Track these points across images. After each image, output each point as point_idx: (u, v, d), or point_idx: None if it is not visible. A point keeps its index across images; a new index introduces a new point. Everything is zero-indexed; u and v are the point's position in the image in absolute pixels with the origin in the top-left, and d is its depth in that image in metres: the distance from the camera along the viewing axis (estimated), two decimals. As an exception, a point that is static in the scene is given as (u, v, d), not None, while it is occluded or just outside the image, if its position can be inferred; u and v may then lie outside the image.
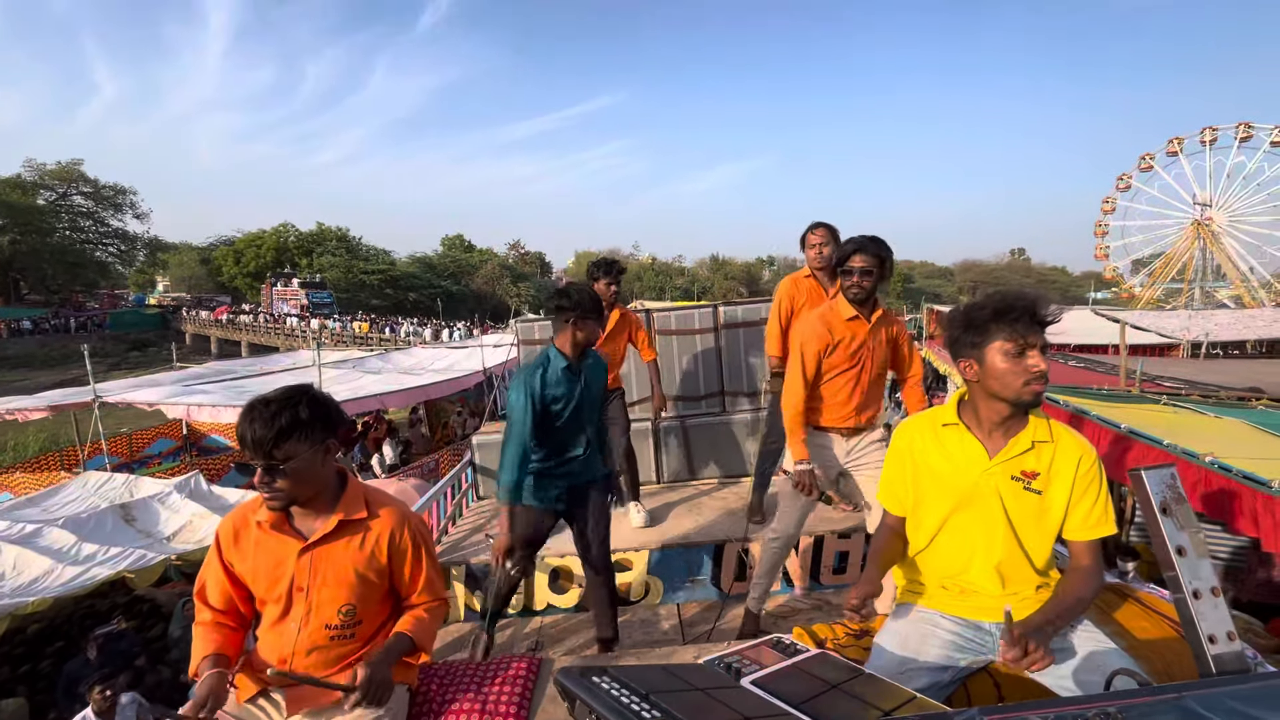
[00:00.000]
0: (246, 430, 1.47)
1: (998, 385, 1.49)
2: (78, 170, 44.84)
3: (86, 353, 9.98)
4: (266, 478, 1.49)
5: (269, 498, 1.53)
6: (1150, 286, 39.28)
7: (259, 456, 1.47)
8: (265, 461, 1.47)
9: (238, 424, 1.50)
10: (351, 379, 12.00)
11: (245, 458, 1.51)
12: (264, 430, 1.45)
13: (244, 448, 1.48)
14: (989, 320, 1.48)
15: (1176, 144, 36.61)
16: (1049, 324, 1.46)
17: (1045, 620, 1.40)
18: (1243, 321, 20.03)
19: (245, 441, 1.47)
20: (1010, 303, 1.47)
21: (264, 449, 1.46)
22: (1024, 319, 1.44)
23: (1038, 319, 1.45)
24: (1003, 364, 1.47)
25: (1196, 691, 0.80)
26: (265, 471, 1.48)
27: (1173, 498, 1.06)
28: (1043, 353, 1.45)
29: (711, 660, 1.39)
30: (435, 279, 53.85)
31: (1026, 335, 1.44)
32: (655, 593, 3.53)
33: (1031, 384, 1.45)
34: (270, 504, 1.55)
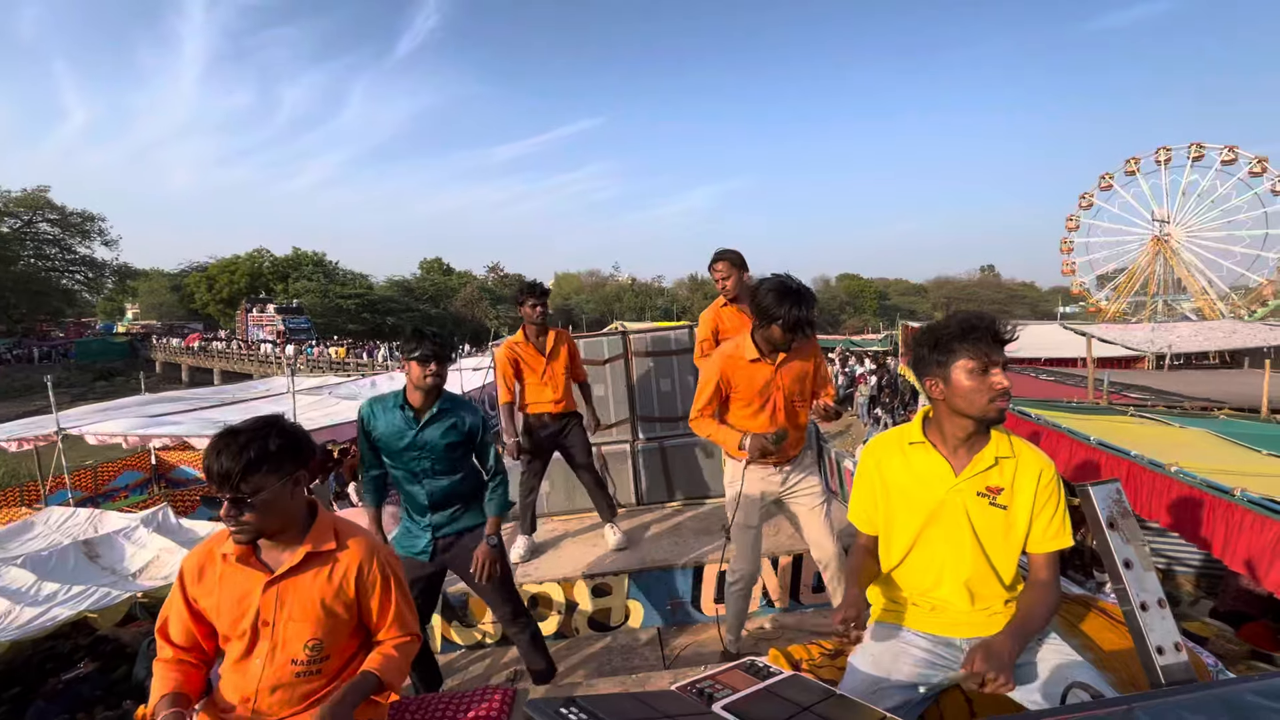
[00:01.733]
0: (213, 463, 1.44)
1: (963, 403, 1.53)
2: (44, 197, 43.95)
3: (50, 384, 9.69)
4: (233, 511, 1.46)
5: (235, 531, 1.50)
6: (1115, 300, 40.50)
7: (226, 489, 1.44)
8: (232, 495, 1.44)
9: (204, 456, 1.47)
10: (328, 405, 11.79)
11: (212, 491, 1.48)
12: (231, 463, 1.43)
13: (210, 480, 1.45)
14: (953, 340, 1.53)
15: (1134, 163, 38.11)
16: (1008, 342, 1.51)
17: (1007, 640, 1.40)
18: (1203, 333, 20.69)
19: (211, 474, 1.45)
20: (973, 323, 1.52)
21: (231, 482, 1.43)
22: (986, 338, 1.49)
23: (999, 338, 1.50)
24: (968, 382, 1.51)
25: (1146, 703, 0.82)
26: (232, 505, 1.45)
27: (1119, 511, 1.09)
28: (1004, 370, 1.50)
29: (685, 685, 1.39)
30: (414, 302, 53.48)
31: (989, 354, 1.49)
32: (635, 617, 3.51)
33: (996, 400, 1.50)
34: (236, 538, 1.52)
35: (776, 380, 2.51)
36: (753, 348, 2.47)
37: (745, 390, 2.50)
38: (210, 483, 1.46)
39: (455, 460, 2.51)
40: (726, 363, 2.51)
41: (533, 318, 3.61)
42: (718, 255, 3.41)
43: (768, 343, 2.43)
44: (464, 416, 2.50)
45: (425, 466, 2.46)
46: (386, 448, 2.46)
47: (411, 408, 2.44)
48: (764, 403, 2.52)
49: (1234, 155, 35.28)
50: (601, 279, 77.88)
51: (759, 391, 2.50)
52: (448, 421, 2.46)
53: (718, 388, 2.52)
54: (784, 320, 2.29)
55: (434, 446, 2.44)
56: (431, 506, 2.50)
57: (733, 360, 2.51)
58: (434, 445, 2.44)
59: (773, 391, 2.52)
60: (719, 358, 2.55)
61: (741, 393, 2.52)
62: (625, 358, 4.79)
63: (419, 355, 2.37)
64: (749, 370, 2.49)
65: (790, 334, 2.33)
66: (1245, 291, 37.17)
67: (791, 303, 2.28)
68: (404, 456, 2.45)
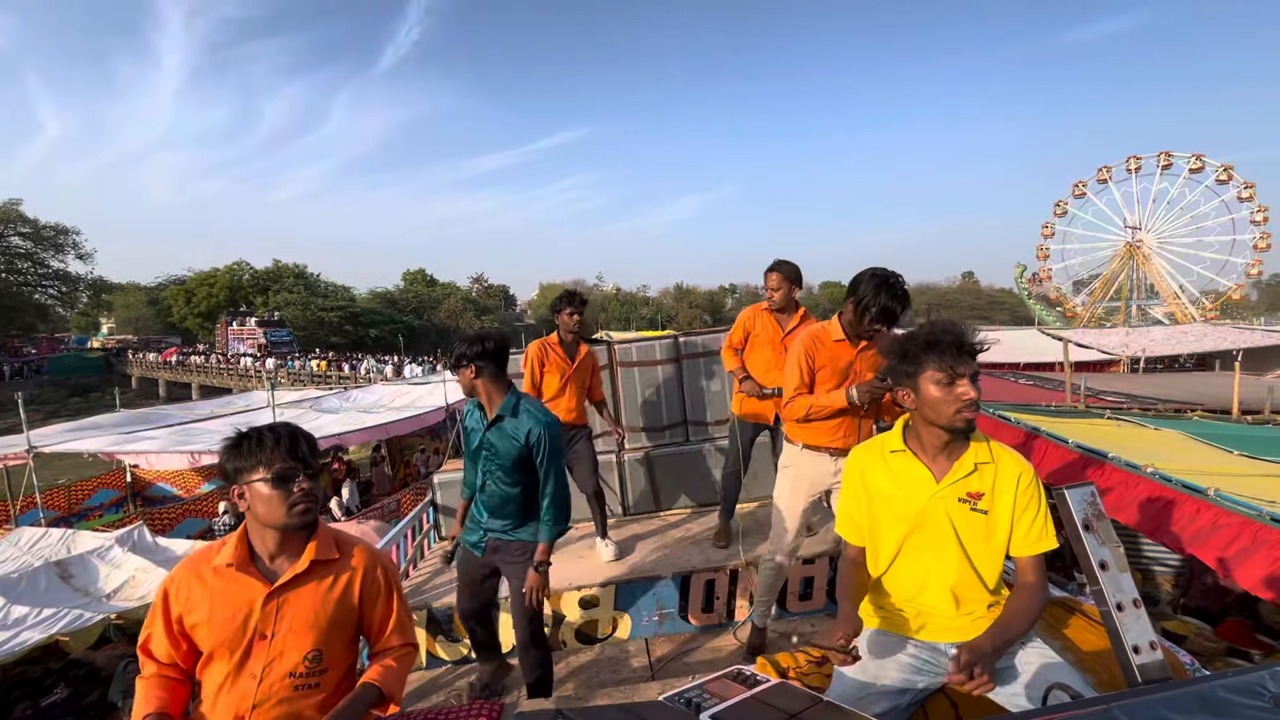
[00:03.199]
0: (284, 445, 1.51)
1: (932, 413, 1.57)
2: (16, 210, 43.06)
3: (20, 401, 9.46)
4: (308, 484, 1.53)
5: (309, 506, 1.54)
6: (1091, 305, 41.35)
7: (311, 460, 1.54)
8: (309, 468, 1.53)
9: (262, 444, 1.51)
10: (309, 419, 11.65)
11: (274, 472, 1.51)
12: (298, 437, 1.55)
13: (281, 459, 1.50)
14: (920, 351, 1.56)
15: (1106, 172, 39.11)
16: (978, 353, 1.53)
17: (989, 641, 1.41)
18: (1175, 337, 21.19)
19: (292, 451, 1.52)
20: (938, 335, 1.55)
21: (315, 452, 1.56)
22: (951, 350, 1.52)
23: (966, 349, 1.52)
24: (935, 392, 1.54)
25: (1124, 702, 0.83)
26: (309, 478, 1.53)
27: (1094, 514, 1.12)
28: (972, 380, 1.52)
29: (672, 696, 1.38)
30: (397, 314, 53.09)
31: (954, 365, 1.51)
32: (623, 628, 3.48)
33: (962, 411, 1.52)
34: (308, 514, 1.55)
35: (856, 364, 2.57)
36: (839, 329, 2.55)
37: (829, 369, 2.57)
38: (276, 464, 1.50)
39: (516, 469, 2.45)
40: (810, 341, 2.58)
41: (569, 325, 3.67)
42: (774, 265, 3.48)
43: (854, 327, 2.50)
44: (524, 421, 2.41)
45: (490, 469, 2.50)
46: (467, 444, 2.56)
47: (484, 408, 2.49)
48: (844, 384, 2.56)
49: (1201, 164, 36.34)
50: (586, 289, 78.00)
51: (840, 371, 2.57)
52: (508, 426, 2.44)
53: (805, 366, 2.58)
54: (878, 309, 2.36)
55: (496, 450, 2.46)
56: (489, 510, 2.56)
57: (818, 339, 2.58)
58: (496, 449, 2.46)
59: (852, 375, 2.57)
60: (805, 337, 2.62)
61: (825, 372, 2.57)
62: (610, 368, 4.79)
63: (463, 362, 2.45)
64: (833, 349, 2.56)
65: (879, 323, 2.40)
66: (1215, 296, 38.15)
67: (888, 294, 2.36)
68: (476, 454, 2.53)
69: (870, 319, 2.39)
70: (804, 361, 2.59)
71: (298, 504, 1.50)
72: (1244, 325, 28.47)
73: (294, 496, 1.49)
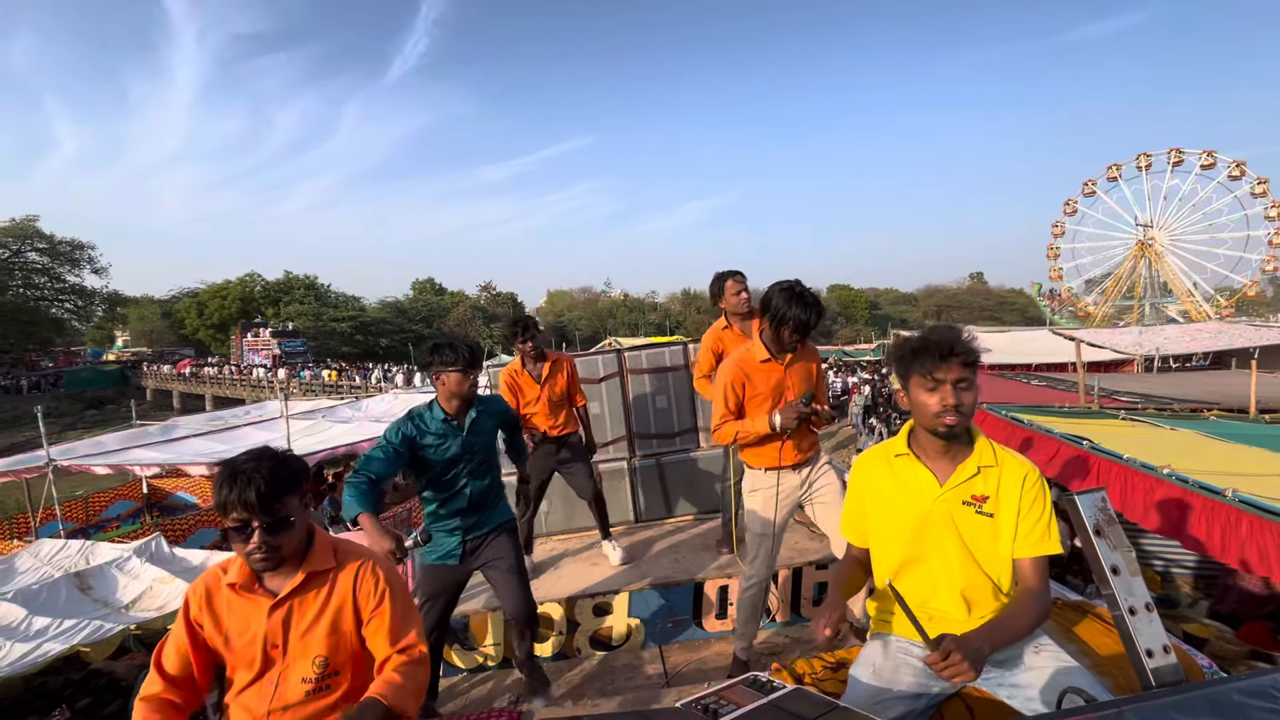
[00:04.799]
0: (244, 491, 1.42)
1: (918, 417, 1.61)
2: (33, 226, 43.81)
3: (40, 414, 9.62)
4: (267, 537, 1.46)
5: (264, 557, 1.48)
6: (1103, 304, 40.94)
7: (262, 515, 1.44)
8: (269, 520, 1.45)
9: (220, 489, 1.44)
10: (321, 429, 11.75)
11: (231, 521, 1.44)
12: (268, 487, 1.43)
13: (237, 509, 1.43)
14: (908, 357, 1.59)
15: (1116, 169, 38.81)
16: (965, 358, 1.53)
17: (982, 637, 1.39)
18: (1190, 335, 20.93)
19: (237, 503, 1.42)
20: (924, 342, 1.57)
21: (269, 506, 1.44)
22: (933, 357, 1.54)
23: (948, 354, 1.53)
24: (919, 397, 1.58)
25: (1137, 705, 0.84)
26: (267, 530, 1.45)
27: (1104, 520, 1.12)
28: (957, 387, 1.53)
29: (689, 703, 1.40)
30: (407, 323, 53.42)
31: (933, 371, 1.54)
32: (637, 634, 3.50)
33: (942, 416, 1.54)
34: (264, 563, 1.50)
35: (787, 380, 2.59)
36: (763, 349, 2.57)
37: (760, 390, 2.59)
38: (235, 511, 1.44)
39: (492, 457, 2.69)
40: (738, 367, 2.60)
41: (525, 352, 3.66)
42: (728, 273, 3.53)
43: (776, 344, 2.53)
44: (494, 406, 2.72)
45: (471, 469, 2.58)
46: (434, 458, 2.52)
47: (451, 417, 2.55)
48: (776, 403, 2.59)
49: (1213, 160, 35.97)
50: (594, 295, 78.24)
51: (771, 390, 2.59)
52: (488, 420, 2.64)
53: (734, 391, 2.60)
54: (793, 321, 2.41)
55: (480, 448, 2.60)
56: (471, 508, 2.61)
57: (745, 363, 2.60)
58: (480, 446, 2.60)
59: (784, 391, 2.60)
60: (731, 363, 2.64)
61: (756, 394, 2.59)
62: (620, 375, 4.82)
63: (454, 365, 2.49)
64: (762, 370, 2.58)
65: (797, 334, 2.45)
66: (1230, 293, 37.69)
67: (800, 305, 2.41)
68: (449, 464, 2.54)
69: (789, 332, 2.44)
70: (731, 390, 2.60)
71: (252, 554, 1.48)
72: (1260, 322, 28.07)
73: (249, 548, 1.47)
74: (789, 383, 2.60)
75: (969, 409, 1.55)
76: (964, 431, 1.61)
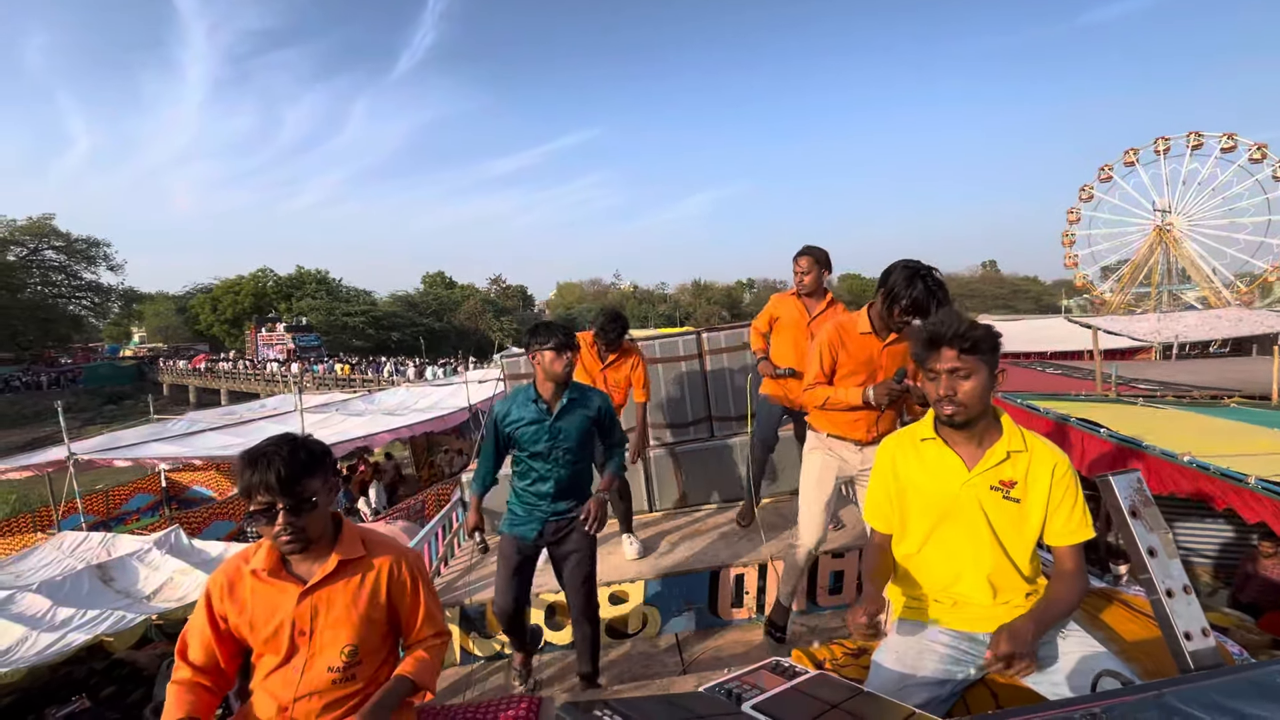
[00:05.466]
0: (266, 474, 1.45)
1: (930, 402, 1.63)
2: (49, 224, 44.42)
3: (60, 409, 9.78)
4: (292, 518, 1.49)
5: (291, 538, 1.51)
6: (1119, 292, 40.36)
7: (284, 496, 1.47)
8: (291, 501, 1.48)
9: (246, 472, 1.47)
10: (335, 422, 11.86)
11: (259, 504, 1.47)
12: (288, 469, 1.46)
13: (261, 492, 1.46)
14: (915, 347, 1.64)
15: (1133, 154, 38.08)
16: (963, 348, 1.53)
17: (1029, 624, 1.43)
18: (1209, 322, 20.57)
19: (267, 485, 1.46)
20: (920, 332, 1.62)
21: (289, 487, 1.47)
22: (927, 347, 1.59)
23: (942, 344, 1.55)
24: (926, 385, 1.62)
25: (1176, 688, 0.82)
26: (291, 511, 1.48)
27: (1140, 501, 1.10)
28: (952, 376, 1.55)
29: (712, 687, 1.39)
30: (418, 317, 53.71)
31: (928, 361, 1.59)
32: (653, 623, 3.50)
33: (940, 405, 1.58)
34: (291, 545, 1.52)
35: (881, 358, 2.54)
36: (866, 321, 2.53)
37: (851, 361, 2.55)
38: (259, 494, 1.46)
39: (584, 447, 2.68)
40: (835, 332, 2.57)
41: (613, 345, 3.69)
42: (804, 250, 3.49)
43: (882, 320, 2.48)
44: (592, 400, 2.69)
45: (558, 455, 2.60)
46: (522, 439, 2.59)
47: (544, 399, 2.58)
48: (866, 378, 2.55)
49: (1233, 142, 35.20)
50: (604, 287, 78.18)
51: (864, 364, 2.54)
52: (579, 409, 2.64)
53: (829, 353, 2.57)
54: (907, 300, 2.31)
55: (568, 434, 2.60)
56: (556, 494, 2.64)
57: (843, 330, 2.57)
58: (568, 433, 2.60)
59: (876, 368, 2.54)
60: (830, 328, 2.61)
61: (847, 363, 2.55)
62: (633, 365, 4.81)
63: (553, 345, 2.52)
64: (858, 341, 2.54)
65: (906, 315, 2.37)
66: (1250, 278, 37.01)
67: (920, 286, 2.30)
68: (538, 446, 2.58)
69: (900, 311, 2.35)
70: (826, 352, 2.58)
71: (279, 536, 1.51)
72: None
73: (276, 530, 1.50)
74: (882, 361, 2.54)
75: (966, 398, 1.55)
76: (982, 417, 1.60)
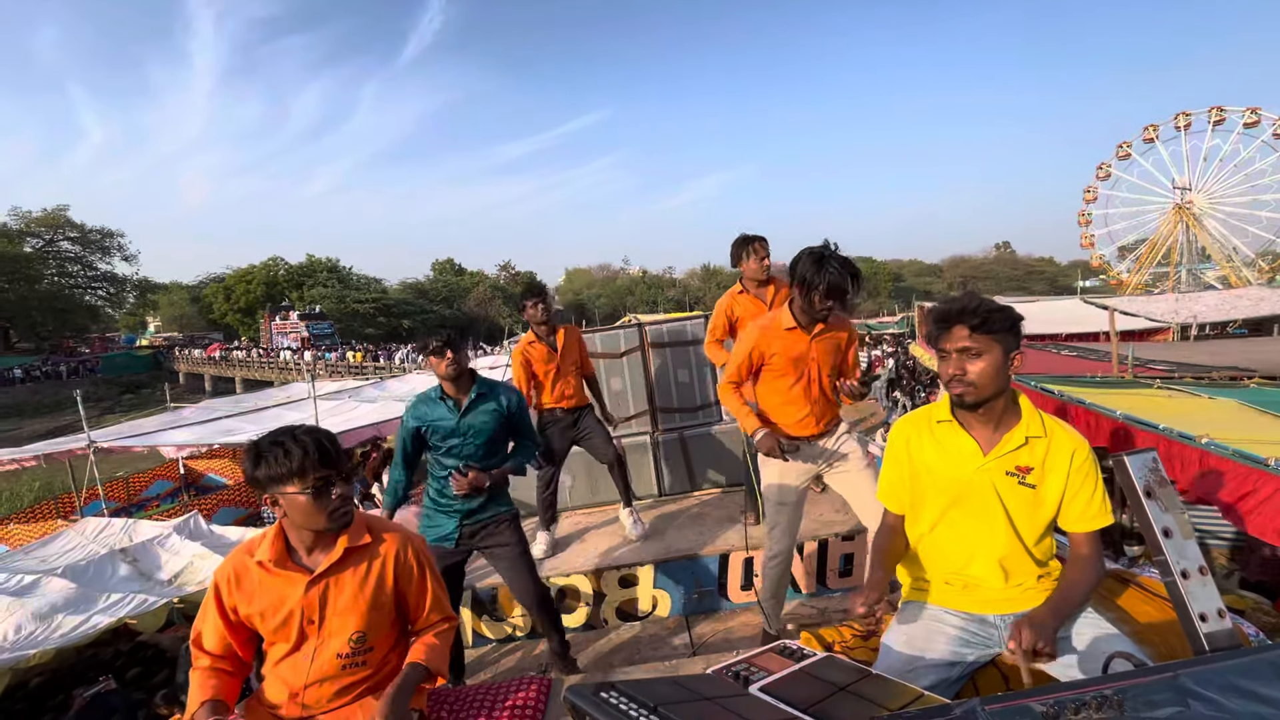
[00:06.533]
0: (313, 455, 1.49)
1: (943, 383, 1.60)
2: (64, 216, 44.90)
3: (79, 398, 9.94)
4: (340, 489, 1.55)
5: (345, 510, 1.57)
6: (1137, 272, 39.67)
7: (329, 470, 1.52)
8: (336, 474, 1.54)
9: (294, 454, 1.49)
10: (347, 409, 11.97)
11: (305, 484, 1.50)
12: (331, 445, 1.54)
13: (317, 468, 1.50)
14: (930, 327, 1.61)
15: (1152, 130, 37.20)
16: (974, 326, 1.49)
17: (1049, 613, 1.42)
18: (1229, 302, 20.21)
19: (324, 458, 1.51)
20: (932, 312, 1.59)
21: (341, 460, 1.54)
22: (938, 326, 1.55)
23: (953, 322, 1.52)
24: (939, 366, 1.58)
25: (1191, 669, 0.81)
26: (345, 482, 1.56)
27: (1156, 481, 1.08)
28: (962, 355, 1.51)
29: (719, 669, 1.40)
30: (428, 304, 53.94)
31: (939, 341, 1.56)
32: (663, 606, 3.53)
33: (950, 385, 1.55)
34: (347, 516, 1.58)
35: (812, 352, 2.50)
36: (790, 317, 2.48)
37: (781, 360, 2.50)
38: (311, 474, 1.50)
39: (495, 444, 2.67)
40: (762, 332, 2.52)
41: (536, 317, 3.64)
42: (754, 236, 3.44)
43: (805, 313, 2.43)
44: (501, 397, 2.67)
45: (469, 452, 2.59)
46: (435, 438, 2.60)
47: (451, 398, 2.59)
48: (799, 375, 2.51)
49: (1257, 117, 34.24)
50: (612, 272, 77.92)
51: (794, 361, 2.50)
52: (488, 404, 2.62)
53: (749, 357, 2.53)
54: (824, 285, 2.27)
55: (478, 431, 2.59)
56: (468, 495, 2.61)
57: (769, 330, 2.51)
58: (478, 429, 2.59)
59: (808, 363, 2.51)
60: (754, 327, 2.57)
61: (777, 363, 2.51)
62: (641, 349, 4.80)
63: (433, 350, 2.53)
64: (785, 339, 2.49)
65: (828, 301, 2.31)
66: (1273, 257, 36.22)
67: (830, 269, 2.26)
68: (449, 444, 2.58)
69: (820, 298, 2.30)
70: (749, 356, 2.53)
71: (336, 510, 1.55)
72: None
73: (333, 504, 1.54)
74: (814, 355, 2.50)
75: (977, 377, 1.51)
76: (998, 400, 1.56)
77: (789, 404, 2.55)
